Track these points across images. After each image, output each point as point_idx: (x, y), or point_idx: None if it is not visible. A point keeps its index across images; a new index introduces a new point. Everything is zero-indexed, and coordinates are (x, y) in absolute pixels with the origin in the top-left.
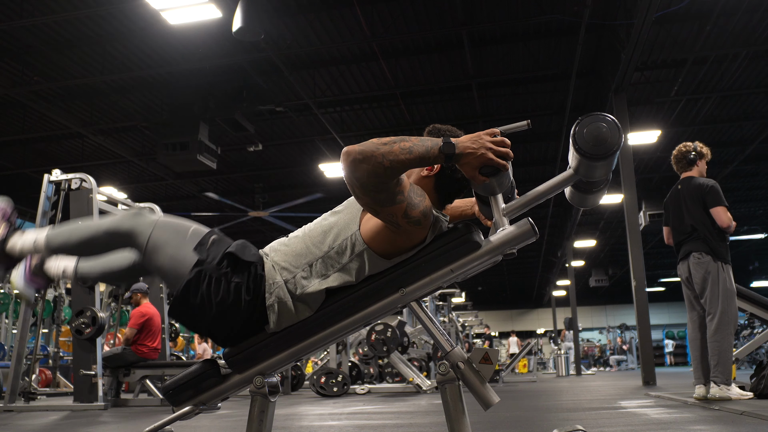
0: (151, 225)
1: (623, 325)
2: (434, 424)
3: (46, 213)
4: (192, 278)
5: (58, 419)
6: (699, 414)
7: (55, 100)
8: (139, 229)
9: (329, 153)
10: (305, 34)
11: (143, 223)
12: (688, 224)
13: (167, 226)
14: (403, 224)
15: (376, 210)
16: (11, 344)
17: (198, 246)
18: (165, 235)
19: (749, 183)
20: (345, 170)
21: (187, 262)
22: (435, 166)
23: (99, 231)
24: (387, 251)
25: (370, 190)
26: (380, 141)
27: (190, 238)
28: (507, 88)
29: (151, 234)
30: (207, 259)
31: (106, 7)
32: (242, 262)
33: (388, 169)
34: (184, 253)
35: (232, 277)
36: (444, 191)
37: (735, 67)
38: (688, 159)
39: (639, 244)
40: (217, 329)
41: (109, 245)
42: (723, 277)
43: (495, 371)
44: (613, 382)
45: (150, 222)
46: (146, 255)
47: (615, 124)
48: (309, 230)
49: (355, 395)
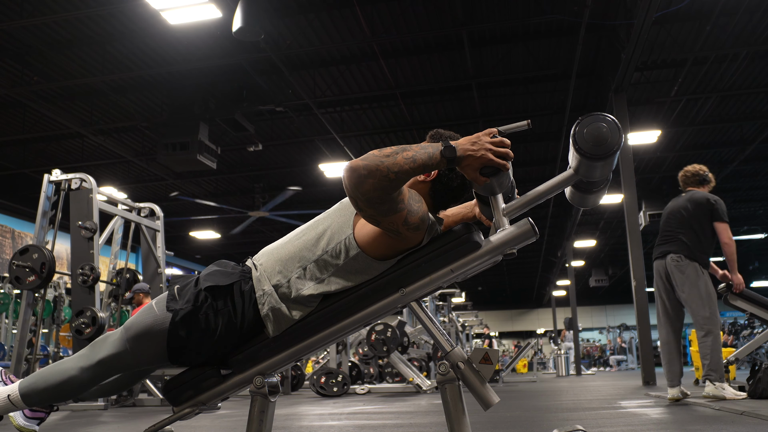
0: (117, 334)
1: (623, 325)
2: (434, 424)
3: (46, 213)
4: (174, 326)
5: (58, 419)
6: (699, 414)
7: (55, 100)
8: (112, 346)
9: (329, 153)
10: (305, 34)
11: (111, 339)
12: (675, 227)
13: (133, 323)
14: (403, 231)
15: (378, 220)
16: (11, 344)
17: (170, 302)
18: (135, 324)
19: (749, 183)
20: (350, 186)
21: (165, 323)
22: (432, 171)
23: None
24: (383, 254)
25: (375, 202)
26: (382, 153)
27: (158, 303)
28: (507, 88)
29: (122, 336)
30: (183, 305)
31: (106, 7)
32: (220, 288)
33: (394, 181)
34: (158, 319)
35: (217, 305)
36: (438, 197)
37: (735, 67)
38: (701, 177)
39: (639, 244)
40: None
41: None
42: (704, 280)
43: (495, 371)
44: (613, 382)
45: (115, 335)
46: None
47: (615, 124)
48: (302, 233)
49: (355, 395)
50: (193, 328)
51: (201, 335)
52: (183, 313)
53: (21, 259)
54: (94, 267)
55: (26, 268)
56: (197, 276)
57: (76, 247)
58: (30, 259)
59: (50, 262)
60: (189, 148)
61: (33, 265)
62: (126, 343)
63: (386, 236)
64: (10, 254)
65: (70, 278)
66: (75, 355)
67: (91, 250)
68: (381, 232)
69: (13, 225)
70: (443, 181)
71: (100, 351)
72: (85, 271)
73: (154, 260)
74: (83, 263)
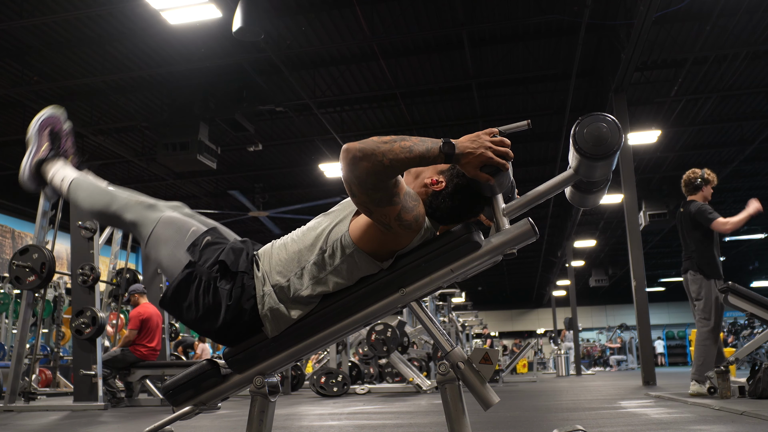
0: (155, 221)
1: (623, 325)
2: (434, 424)
3: (46, 213)
4: (182, 279)
5: (58, 419)
6: (699, 414)
7: (55, 100)
8: (144, 222)
9: (329, 153)
10: (305, 34)
11: (149, 218)
12: (683, 242)
13: (170, 224)
14: (395, 227)
15: (370, 210)
16: (11, 344)
17: (191, 247)
18: (166, 232)
19: (749, 183)
20: (344, 167)
21: (181, 262)
22: (440, 182)
23: (109, 209)
24: (375, 250)
25: (368, 188)
26: (380, 139)
27: (189, 237)
28: (507, 88)
29: (154, 229)
30: (199, 261)
31: (106, 7)
32: (230, 272)
33: (388, 168)
34: (180, 252)
35: (219, 283)
36: (435, 210)
37: (735, 67)
38: (695, 185)
39: (639, 244)
40: (203, 329)
41: (115, 225)
42: (716, 295)
43: (495, 371)
44: (613, 382)
45: (155, 218)
46: (147, 246)
47: (615, 124)
48: (302, 233)
49: (355, 395)
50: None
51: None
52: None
53: (21, 259)
54: (94, 267)
55: (26, 268)
56: (229, 244)
57: (76, 247)
58: (30, 259)
59: (50, 262)
60: (189, 148)
61: (33, 265)
62: (150, 236)
63: (377, 229)
64: (10, 254)
65: (70, 278)
66: (120, 196)
67: (91, 250)
68: (373, 224)
69: (13, 225)
70: (444, 195)
71: (135, 214)
72: (85, 271)
73: None
74: (83, 263)
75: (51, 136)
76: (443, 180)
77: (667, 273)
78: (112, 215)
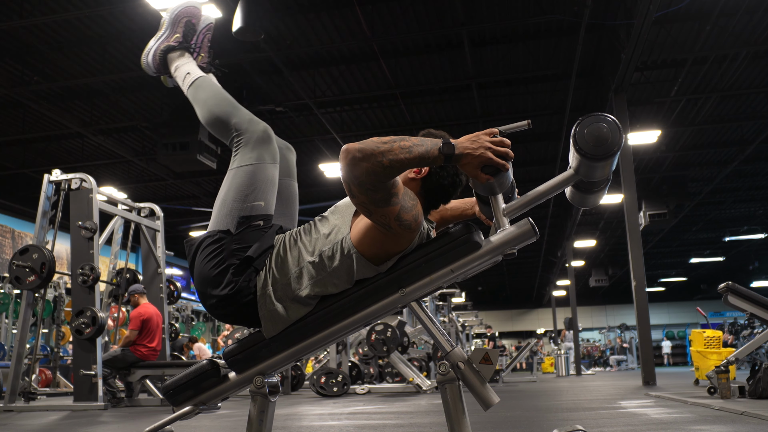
0: (254, 161)
1: (623, 325)
2: (434, 424)
3: (46, 213)
4: (214, 239)
5: (58, 419)
6: (699, 414)
7: (55, 100)
8: (247, 154)
9: (329, 153)
10: (305, 34)
11: (251, 156)
12: None
13: (255, 175)
14: (395, 227)
15: (369, 210)
16: (11, 344)
17: (243, 219)
18: (247, 179)
19: (749, 183)
20: (343, 168)
21: (228, 216)
22: (423, 169)
23: (230, 120)
24: (375, 254)
25: (367, 189)
26: (380, 140)
27: (249, 205)
28: (507, 88)
29: (245, 166)
30: (235, 236)
31: (106, 7)
32: (248, 268)
33: (387, 168)
34: (233, 206)
35: (231, 267)
36: (429, 196)
37: (735, 67)
38: None
39: (639, 244)
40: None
41: (221, 136)
42: None
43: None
44: (613, 382)
45: (255, 157)
46: (231, 165)
47: (615, 125)
48: (303, 233)
49: (355, 395)
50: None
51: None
52: (220, 237)
53: (21, 259)
54: (94, 267)
55: (26, 268)
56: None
57: (76, 247)
58: (30, 259)
59: (50, 262)
60: (189, 148)
61: (33, 265)
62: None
63: (377, 231)
64: (10, 254)
65: (70, 278)
66: (252, 126)
67: (91, 250)
68: (373, 227)
69: (13, 225)
70: (434, 179)
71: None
72: (85, 271)
73: (154, 260)
74: (83, 263)
75: (185, 27)
76: None
77: (667, 273)
78: (229, 127)
